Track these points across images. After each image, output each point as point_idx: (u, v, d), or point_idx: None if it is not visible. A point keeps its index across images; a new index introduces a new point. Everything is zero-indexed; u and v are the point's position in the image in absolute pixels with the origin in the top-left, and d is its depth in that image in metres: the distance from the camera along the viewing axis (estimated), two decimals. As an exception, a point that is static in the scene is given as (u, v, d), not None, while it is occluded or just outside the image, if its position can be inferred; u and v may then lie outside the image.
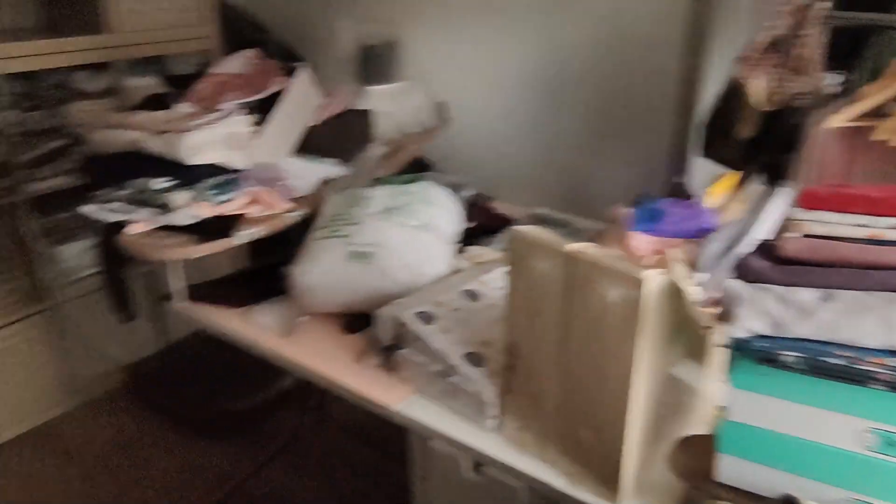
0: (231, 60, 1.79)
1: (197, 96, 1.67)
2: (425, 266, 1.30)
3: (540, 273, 0.90)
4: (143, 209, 1.34)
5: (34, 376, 2.22)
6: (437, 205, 1.42)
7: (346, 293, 1.30)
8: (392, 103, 2.00)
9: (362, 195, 1.43)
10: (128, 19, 2.19)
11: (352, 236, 1.32)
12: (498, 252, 1.42)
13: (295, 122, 1.67)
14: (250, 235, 1.37)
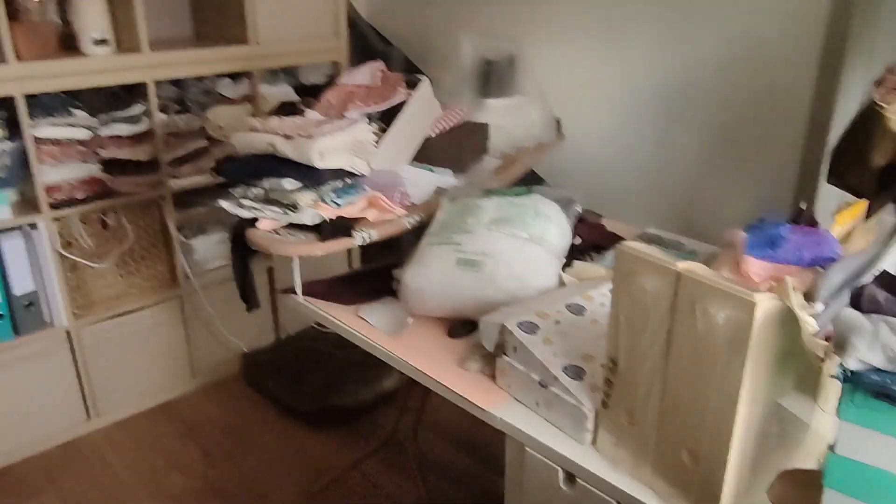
0: (358, 72, 1.90)
1: (325, 104, 1.79)
2: (532, 277, 1.33)
3: (647, 290, 0.90)
4: (273, 207, 1.45)
5: (162, 357, 2.43)
6: (546, 218, 1.44)
7: (453, 298, 1.35)
8: (508, 117, 2.04)
9: (475, 205, 1.47)
10: (267, 32, 2.37)
11: (462, 244, 1.36)
12: (605, 269, 1.42)
13: (415, 132, 1.74)
14: (368, 237, 1.44)
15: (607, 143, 2.40)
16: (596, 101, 2.40)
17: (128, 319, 2.30)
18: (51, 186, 2.05)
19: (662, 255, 0.87)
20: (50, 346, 2.15)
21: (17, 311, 2.06)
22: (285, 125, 1.50)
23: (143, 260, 2.33)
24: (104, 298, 2.27)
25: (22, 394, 2.12)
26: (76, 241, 2.15)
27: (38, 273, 2.08)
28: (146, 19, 2.11)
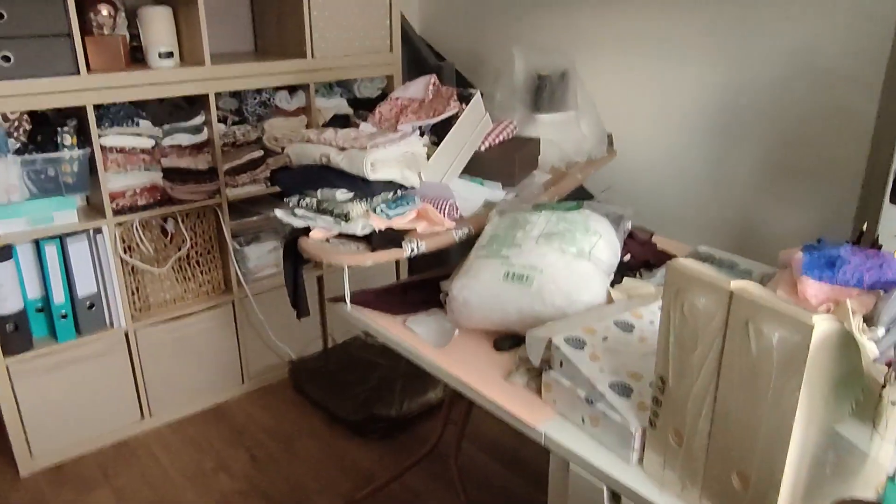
0: (411, 85, 1.93)
1: (379, 117, 1.82)
2: (580, 293, 1.32)
3: (698, 308, 0.89)
4: (325, 217, 1.48)
5: (214, 361, 2.49)
6: (596, 234, 1.43)
7: (500, 312, 1.35)
8: (560, 132, 2.04)
9: (524, 219, 1.47)
10: (324, 47, 2.42)
11: (511, 258, 1.37)
12: (654, 286, 1.40)
13: (465, 146, 1.76)
14: (417, 249, 1.46)
15: (659, 159, 2.37)
16: (649, 117, 2.38)
17: (182, 323, 2.37)
18: (115, 193, 2.14)
19: (715, 273, 0.86)
20: (109, 346, 2.23)
21: (80, 311, 2.15)
22: (339, 137, 1.53)
23: (198, 266, 2.40)
24: (160, 302, 2.35)
25: (81, 392, 2.20)
26: (137, 246, 2.23)
27: (101, 276, 2.16)
28: (210, 34, 2.19)
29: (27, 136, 2.00)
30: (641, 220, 1.80)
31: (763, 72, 2.04)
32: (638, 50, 2.36)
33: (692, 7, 2.18)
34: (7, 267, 1.98)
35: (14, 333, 2.03)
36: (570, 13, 2.55)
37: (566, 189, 1.89)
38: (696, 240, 2.21)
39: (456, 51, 3.05)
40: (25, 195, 1.97)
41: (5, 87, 1.84)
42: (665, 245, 1.73)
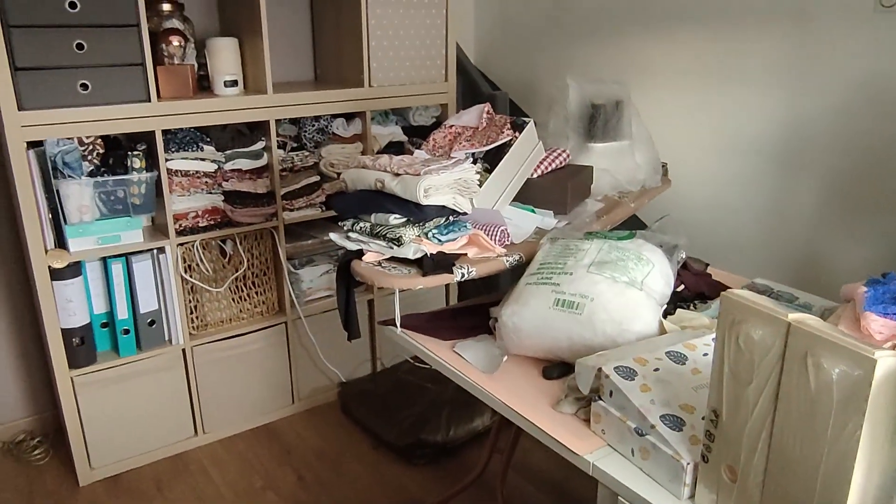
0: (465, 114, 1.95)
1: (433, 144, 1.85)
2: (632, 323, 1.30)
3: (754, 340, 0.87)
4: (378, 241, 1.50)
5: (266, 381, 2.54)
6: (649, 263, 1.41)
7: (550, 339, 1.34)
8: (613, 161, 2.03)
9: (575, 247, 1.47)
10: (381, 76, 2.49)
11: (562, 285, 1.36)
12: (709, 318, 1.37)
13: (518, 173, 1.77)
14: (467, 274, 1.47)
15: (716, 190, 2.33)
16: (705, 147, 2.35)
17: (237, 342, 2.43)
18: (178, 214, 2.22)
19: (772, 304, 0.84)
20: (167, 362, 2.30)
21: (142, 327, 2.23)
22: (394, 163, 1.56)
23: (254, 286, 2.46)
24: (216, 321, 2.41)
25: (139, 406, 2.28)
26: (197, 266, 2.31)
27: (162, 294, 2.24)
28: (272, 64, 2.28)
29: (100, 159, 2.11)
30: (696, 251, 1.78)
31: (826, 101, 2.00)
32: (695, 79, 2.34)
33: (752, 35, 2.15)
34: (76, 283, 2.07)
35: (80, 347, 2.12)
36: (624, 43, 2.56)
37: (619, 218, 1.87)
38: (753, 273, 2.16)
39: (510, 80, 3.08)
40: (96, 215, 2.07)
41: (83, 113, 1.95)
42: (720, 277, 1.69)
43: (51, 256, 2.01)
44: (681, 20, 2.34)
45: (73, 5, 1.87)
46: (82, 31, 1.90)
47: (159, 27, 2.21)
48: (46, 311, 2.04)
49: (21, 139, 1.89)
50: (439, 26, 2.57)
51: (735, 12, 2.18)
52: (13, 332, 2.39)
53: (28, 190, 1.93)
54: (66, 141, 2.01)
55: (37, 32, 1.85)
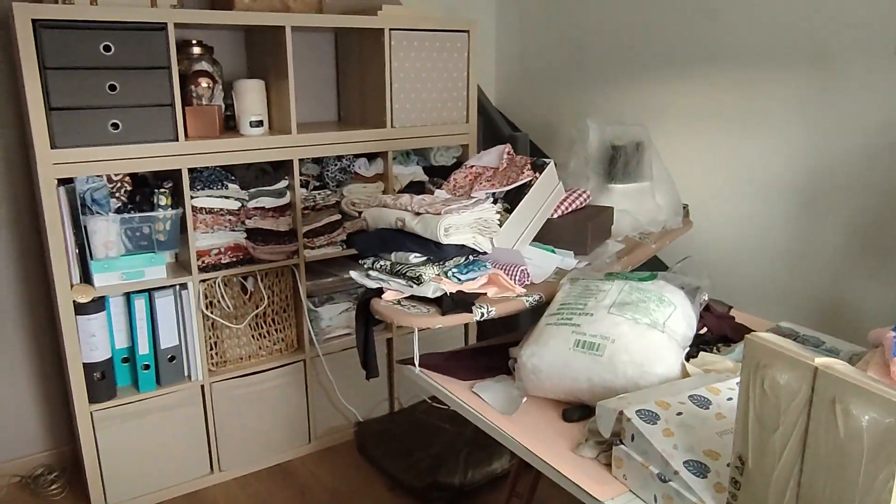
0: (486, 154, 1.97)
1: (454, 184, 1.87)
2: (653, 365, 1.28)
3: (780, 385, 0.85)
4: (398, 279, 1.51)
5: (283, 419, 2.52)
6: (671, 305, 1.40)
7: (570, 380, 1.33)
8: (633, 202, 2.03)
9: (596, 287, 1.46)
10: (403, 117, 2.53)
11: (582, 326, 1.35)
12: (733, 362, 1.35)
13: (538, 213, 1.77)
14: (487, 314, 1.46)
15: (738, 232, 2.32)
16: (727, 189, 2.34)
17: (255, 379, 2.43)
18: (201, 251, 2.25)
19: (797, 348, 0.82)
20: (186, 398, 2.30)
21: (162, 363, 2.24)
22: (415, 202, 1.58)
23: (274, 323, 2.47)
24: (236, 358, 2.42)
25: (157, 442, 2.27)
26: (218, 303, 2.33)
27: (183, 330, 2.26)
28: (297, 104, 2.32)
29: (127, 196, 2.15)
30: (719, 293, 1.76)
31: (847, 143, 1.99)
32: (715, 121, 2.34)
33: (771, 78, 2.16)
34: (100, 318, 2.10)
35: (101, 381, 2.13)
36: (644, 86, 2.58)
37: (640, 259, 1.87)
38: (778, 316, 2.13)
39: (530, 122, 3.11)
40: (121, 251, 2.11)
41: (113, 152, 2.00)
42: (744, 320, 1.67)
43: (76, 291, 2.04)
44: (699, 63, 2.37)
45: (108, 48, 1.94)
46: (115, 72, 1.97)
47: (189, 69, 2.27)
48: (69, 345, 2.06)
49: (52, 176, 1.94)
50: (461, 69, 2.62)
51: (753, 55, 2.20)
52: (36, 365, 2.42)
53: (57, 226, 1.97)
54: (95, 178, 2.06)
55: (72, 74, 1.91)
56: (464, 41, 2.60)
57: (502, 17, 3.17)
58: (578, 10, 2.79)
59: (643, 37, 2.54)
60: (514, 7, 3.09)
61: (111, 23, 1.93)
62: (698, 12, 2.34)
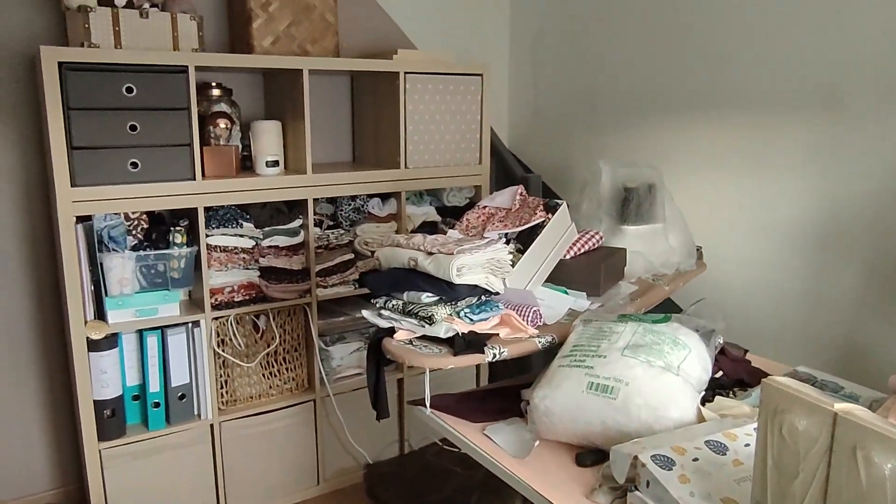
0: (498, 195, 1.99)
1: (466, 224, 1.87)
2: (668, 409, 1.26)
3: (798, 431, 0.83)
4: (410, 319, 1.51)
5: (292, 459, 2.50)
6: (685, 348, 1.38)
7: (583, 424, 1.31)
8: (646, 243, 2.03)
9: (609, 329, 1.45)
10: (417, 158, 2.55)
11: (595, 368, 1.34)
12: (749, 406, 1.32)
13: (551, 254, 1.77)
14: (499, 354, 1.45)
15: (753, 275, 2.30)
16: (740, 231, 2.33)
17: (265, 419, 2.41)
18: (215, 289, 2.26)
19: (815, 392, 0.81)
20: (195, 437, 2.29)
21: (172, 401, 2.23)
22: (427, 242, 1.58)
23: (285, 362, 2.47)
24: (246, 396, 2.41)
25: (165, 481, 2.25)
26: (230, 341, 2.33)
27: (194, 368, 2.26)
28: (313, 145, 2.36)
29: (143, 233, 2.18)
30: (734, 336, 1.73)
31: (861, 186, 1.99)
32: (728, 163, 2.35)
33: (783, 120, 2.17)
34: (112, 355, 2.10)
35: (111, 419, 2.12)
36: (656, 128, 2.60)
37: (653, 301, 1.85)
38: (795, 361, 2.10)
39: (543, 164, 3.14)
40: (136, 288, 2.12)
41: (131, 190, 2.03)
42: (760, 364, 1.65)
43: (90, 328, 2.05)
44: (711, 106, 2.38)
45: (131, 90, 1.99)
46: (137, 113, 2.01)
47: (208, 110, 2.32)
48: (81, 381, 2.06)
49: (71, 214, 1.97)
50: (474, 111, 2.65)
51: (765, 98, 2.22)
52: (46, 401, 2.41)
53: (73, 262, 1.99)
54: (113, 216, 2.09)
55: (94, 114, 1.95)
56: (477, 84, 2.64)
57: (515, 60, 3.23)
58: (590, 55, 2.84)
59: (654, 80, 2.58)
60: (527, 51, 3.15)
61: (134, 66, 1.98)
62: (709, 57, 2.37)
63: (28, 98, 2.22)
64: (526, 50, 3.15)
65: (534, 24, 3.09)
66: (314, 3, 2.38)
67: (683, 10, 2.43)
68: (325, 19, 2.42)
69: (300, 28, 2.36)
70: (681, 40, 2.46)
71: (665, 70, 2.54)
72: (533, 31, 3.09)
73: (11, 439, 2.38)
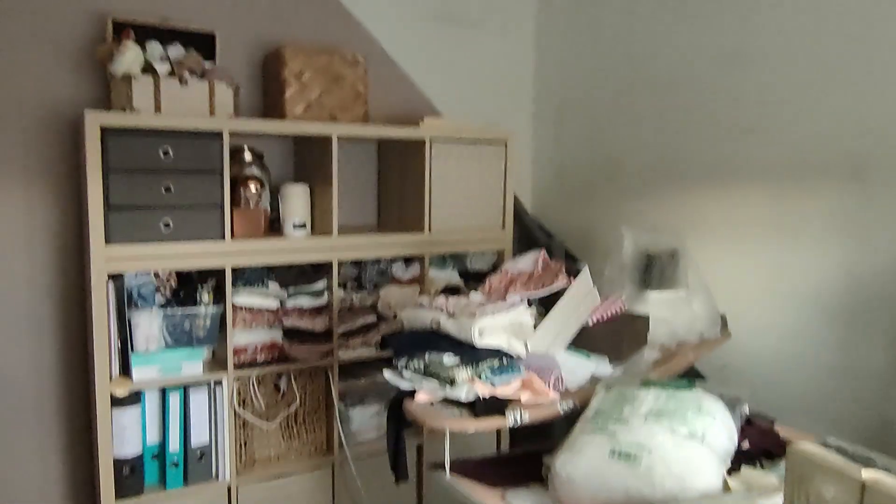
0: (521, 259, 2.01)
1: (489, 288, 1.89)
2: (693, 478, 1.24)
3: (826, 501, 0.81)
4: (431, 380, 1.51)
5: (308, 524, 2.45)
6: (710, 416, 1.36)
7: (606, 491, 1.28)
8: (670, 310, 2.02)
9: (632, 395, 1.43)
10: (440, 223, 2.59)
11: (618, 434, 1.32)
12: (777, 478, 1.29)
13: (573, 319, 1.77)
14: (520, 419, 1.44)
15: (779, 343, 2.26)
16: (766, 299, 2.31)
17: (282, 483, 2.38)
18: (238, 348, 2.28)
19: (842, 461, 0.79)
20: (212, 499, 2.26)
21: (191, 461, 2.22)
22: (450, 303, 1.60)
23: (304, 424, 2.45)
24: (264, 458, 2.39)
25: (178, 544, 2.22)
26: (251, 400, 2.33)
27: (214, 427, 2.25)
28: (339, 208, 2.42)
29: (171, 292, 2.22)
30: (761, 406, 1.70)
31: (889, 258, 1.97)
32: (753, 232, 2.35)
33: (809, 191, 2.18)
34: (134, 412, 2.11)
35: (129, 477, 2.12)
36: (680, 195, 2.62)
37: (676, 368, 1.83)
38: (824, 432, 2.04)
39: (565, 229, 3.16)
40: (161, 345, 2.15)
41: (163, 249, 2.09)
42: (788, 434, 1.60)
43: (114, 384, 2.07)
44: (735, 175, 2.41)
45: (167, 153, 2.07)
46: (172, 175, 2.09)
47: (240, 173, 2.40)
48: (102, 437, 2.06)
49: (104, 271, 2.02)
50: (498, 177, 2.70)
51: (790, 169, 2.23)
52: (67, 456, 2.41)
53: (103, 318, 2.03)
54: (143, 274, 2.14)
55: (131, 176, 2.03)
56: (501, 151, 2.70)
57: (539, 127, 3.30)
58: (614, 123, 2.90)
59: (677, 148, 2.61)
60: (551, 119, 3.23)
61: (172, 130, 2.07)
62: (734, 128, 2.41)
63: (69, 159, 2.32)
64: (549, 117, 3.23)
65: (557, 94, 3.18)
66: (345, 73, 2.48)
67: (706, 79, 2.49)
68: (356, 89, 2.52)
69: (331, 96, 2.46)
70: (704, 108, 2.51)
71: (688, 138, 2.58)
72: (556, 101, 3.18)
73: (31, 493, 2.37)
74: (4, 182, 2.24)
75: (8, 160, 2.23)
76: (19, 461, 2.34)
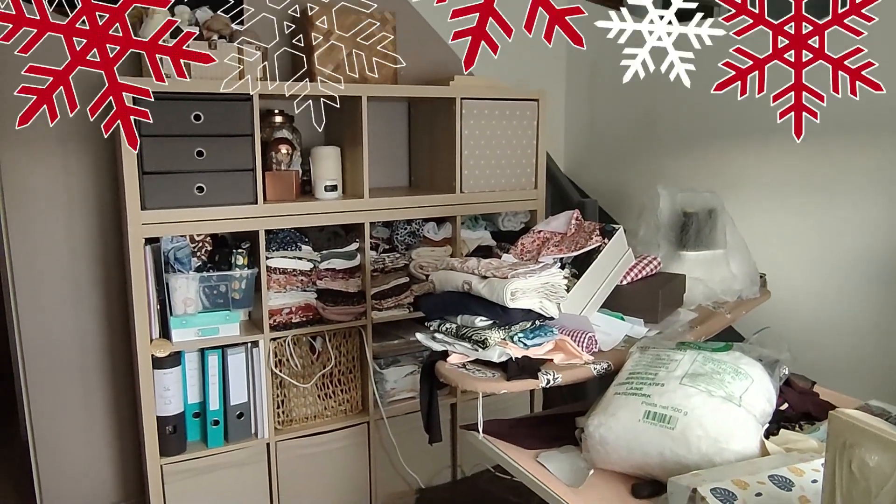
0: (554, 220, 1.98)
1: (521, 249, 1.87)
2: (730, 441, 1.22)
3: (870, 468, 0.79)
4: (463, 343, 1.51)
5: (345, 481, 2.51)
6: (747, 378, 1.34)
7: (639, 454, 1.27)
8: (707, 270, 1.98)
9: (667, 357, 1.41)
10: (472, 183, 2.57)
11: (652, 396, 1.30)
12: (817, 441, 1.27)
13: (607, 280, 1.75)
14: (553, 380, 1.44)
15: (820, 304, 2.21)
16: (807, 259, 2.25)
17: (319, 439, 2.43)
18: (273, 310, 2.31)
19: (888, 427, 0.77)
20: (251, 455, 2.33)
21: (231, 420, 2.28)
22: (482, 266, 1.58)
23: (339, 384, 2.49)
24: (301, 417, 2.44)
25: (223, 499, 2.29)
26: (287, 361, 2.37)
27: (252, 387, 2.30)
28: (370, 170, 2.41)
29: (207, 255, 2.25)
30: (801, 368, 1.66)
31: (938, 214, 1.90)
32: (794, 190, 2.28)
33: (854, 149, 2.10)
34: (175, 372, 2.17)
35: (172, 435, 2.19)
36: (717, 153, 2.55)
37: (714, 329, 1.80)
38: (866, 395, 1.99)
39: (599, 188, 3.11)
40: (199, 308, 2.19)
41: (197, 213, 2.11)
42: (828, 397, 1.57)
43: (155, 346, 2.12)
44: (775, 132, 2.32)
45: (198, 117, 2.07)
46: (203, 139, 2.09)
47: (271, 136, 2.40)
48: (145, 398, 2.13)
49: (140, 236, 2.05)
50: (530, 136, 2.66)
51: (835, 124, 2.14)
52: (112, 417, 2.50)
53: (142, 282, 2.08)
54: (179, 238, 2.17)
55: (164, 141, 2.04)
56: (533, 109, 2.65)
57: (572, 85, 3.23)
58: (648, 78, 2.81)
59: (716, 104, 2.53)
60: (584, 75, 3.14)
61: (202, 94, 2.07)
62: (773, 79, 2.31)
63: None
64: (583, 75, 3.15)
65: (590, 50, 3.09)
66: (374, 32, 2.44)
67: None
68: (385, 48, 2.48)
69: (360, 56, 2.43)
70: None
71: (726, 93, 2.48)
72: (590, 57, 3.09)
73: (79, 453, 2.47)
74: (43, 146, 2.28)
75: (46, 126, 2.26)
76: (67, 421, 2.43)
